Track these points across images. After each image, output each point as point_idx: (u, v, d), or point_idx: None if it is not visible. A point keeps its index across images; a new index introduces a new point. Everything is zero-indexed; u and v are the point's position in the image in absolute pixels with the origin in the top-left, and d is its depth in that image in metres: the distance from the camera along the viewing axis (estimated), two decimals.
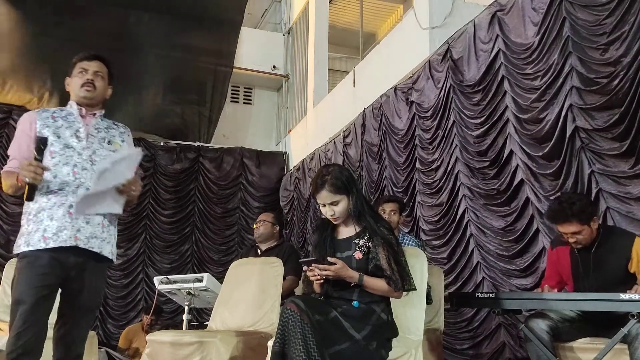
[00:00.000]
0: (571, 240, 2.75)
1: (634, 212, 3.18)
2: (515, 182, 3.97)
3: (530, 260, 3.83)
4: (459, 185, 4.56)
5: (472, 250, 4.39)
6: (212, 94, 8.48)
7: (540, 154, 3.76)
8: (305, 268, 2.30)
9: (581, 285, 2.80)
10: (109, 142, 2.40)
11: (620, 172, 3.28)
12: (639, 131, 3.13)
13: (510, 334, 4.04)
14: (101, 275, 2.37)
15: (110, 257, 2.35)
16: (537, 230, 3.78)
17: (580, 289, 2.80)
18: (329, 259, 2.25)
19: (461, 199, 4.53)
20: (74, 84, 2.42)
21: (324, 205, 2.34)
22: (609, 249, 2.73)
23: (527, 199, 3.86)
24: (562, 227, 2.75)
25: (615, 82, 3.22)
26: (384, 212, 3.85)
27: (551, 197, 3.67)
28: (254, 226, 4.36)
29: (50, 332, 2.23)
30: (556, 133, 3.62)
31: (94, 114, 2.43)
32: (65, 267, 2.21)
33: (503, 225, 4.09)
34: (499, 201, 4.14)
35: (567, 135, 3.55)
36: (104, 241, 2.30)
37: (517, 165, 3.95)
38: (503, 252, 4.08)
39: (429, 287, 3.30)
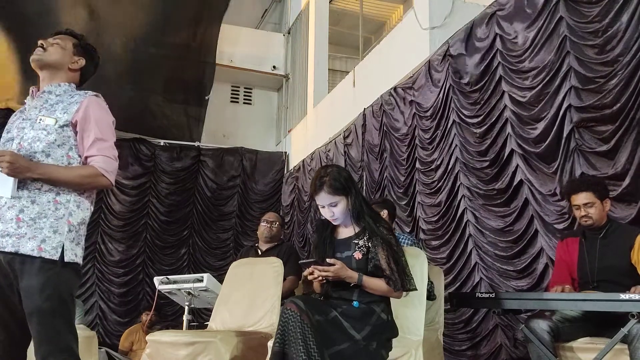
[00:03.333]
0: (582, 213, 2.82)
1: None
2: (515, 183, 3.96)
3: (528, 262, 3.82)
4: (459, 185, 4.55)
5: (471, 251, 4.38)
6: (197, 90, 8.38)
7: (538, 153, 3.76)
8: (305, 270, 2.29)
9: (586, 273, 2.82)
10: (40, 120, 2.06)
11: (614, 172, 3.27)
12: (637, 132, 3.13)
13: (506, 336, 4.02)
14: (33, 273, 1.93)
15: (36, 255, 1.93)
16: (536, 231, 3.77)
17: (584, 277, 2.82)
18: (328, 259, 2.25)
19: (460, 199, 4.52)
20: None
21: (323, 207, 2.34)
22: (616, 238, 2.80)
23: (527, 200, 3.86)
24: (577, 197, 2.83)
25: (613, 81, 3.22)
26: None
27: (550, 198, 3.67)
28: (263, 224, 4.25)
29: None
30: (553, 133, 3.62)
31: (46, 91, 2.13)
32: None
33: (502, 225, 4.08)
34: (498, 201, 4.13)
35: (565, 135, 3.55)
36: (22, 237, 1.94)
37: (517, 165, 3.95)
38: (501, 252, 4.07)
39: (431, 283, 3.29)
